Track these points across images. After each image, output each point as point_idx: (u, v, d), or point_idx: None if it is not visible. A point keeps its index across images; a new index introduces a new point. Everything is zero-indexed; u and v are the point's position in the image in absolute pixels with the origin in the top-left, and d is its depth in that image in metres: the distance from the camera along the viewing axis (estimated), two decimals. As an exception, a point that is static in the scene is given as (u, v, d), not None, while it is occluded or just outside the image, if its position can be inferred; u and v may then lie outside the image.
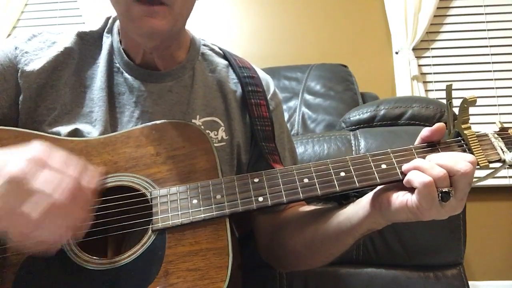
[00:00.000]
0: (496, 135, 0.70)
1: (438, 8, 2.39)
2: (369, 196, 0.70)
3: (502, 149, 0.68)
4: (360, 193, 0.73)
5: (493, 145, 0.69)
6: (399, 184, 0.66)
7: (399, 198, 0.64)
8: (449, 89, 0.71)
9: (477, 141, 0.69)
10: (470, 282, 1.03)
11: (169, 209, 0.67)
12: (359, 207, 0.70)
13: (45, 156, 0.57)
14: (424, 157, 0.66)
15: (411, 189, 0.63)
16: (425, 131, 0.69)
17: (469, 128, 0.70)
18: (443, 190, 0.60)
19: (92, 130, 0.78)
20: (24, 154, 0.56)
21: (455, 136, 0.71)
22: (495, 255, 2.20)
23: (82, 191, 0.58)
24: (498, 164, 0.69)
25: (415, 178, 0.62)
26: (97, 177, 0.63)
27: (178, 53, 0.86)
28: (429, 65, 2.42)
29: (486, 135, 0.71)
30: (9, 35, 2.59)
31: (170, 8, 0.71)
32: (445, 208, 0.62)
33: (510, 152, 0.68)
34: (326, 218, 0.76)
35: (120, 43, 0.85)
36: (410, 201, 0.62)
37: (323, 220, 0.76)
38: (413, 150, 0.69)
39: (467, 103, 0.69)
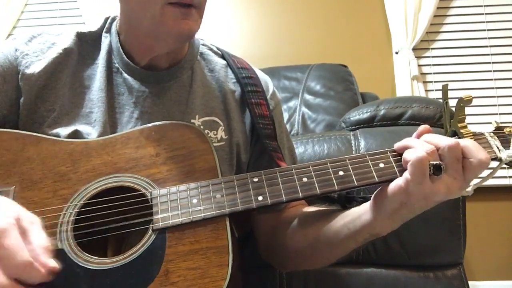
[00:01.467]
0: (492, 134, 0.71)
1: (438, 8, 2.39)
2: (371, 200, 0.70)
3: (498, 148, 0.69)
4: (365, 199, 0.73)
5: (489, 143, 0.70)
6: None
7: (395, 182, 0.64)
8: (445, 89, 0.71)
9: (473, 139, 0.69)
10: (470, 282, 1.03)
11: (169, 209, 0.67)
12: (363, 211, 0.70)
13: None
14: None
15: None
16: (415, 134, 0.69)
17: (466, 127, 0.70)
18: (434, 163, 0.61)
19: (91, 131, 0.78)
20: None
21: (452, 135, 0.72)
22: (495, 255, 2.20)
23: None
24: (495, 163, 0.70)
25: (410, 152, 0.63)
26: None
27: (179, 53, 0.87)
28: (429, 65, 2.42)
29: (482, 134, 0.71)
30: (9, 35, 2.59)
31: (199, 11, 0.75)
32: (439, 185, 0.62)
33: (506, 150, 0.69)
34: (329, 220, 0.75)
35: (120, 44, 0.85)
36: (403, 178, 0.63)
37: (326, 222, 0.76)
38: None
39: (463, 102, 0.69)
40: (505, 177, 2.23)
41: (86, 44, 0.86)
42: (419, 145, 0.63)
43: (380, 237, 0.71)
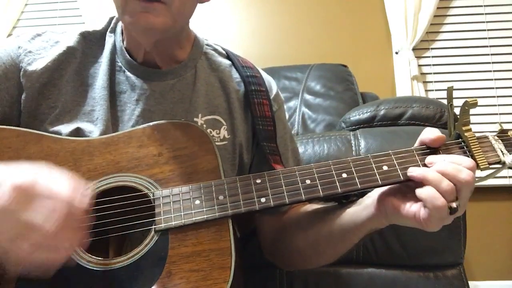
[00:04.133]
0: (496, 137, 0.71)
1: (438, 8, 2.39)
2: (372, 198, 0.70)
3: (502, 151, 0.69)
4: (361, 193, 0.74)
5: (493, 147, 0.70)
6: (402, 188, 0.67)
7: (406, 209, 0.65)
8: (450, 91, 0.71)
9: (477, 143, 0.69)
10: (470, 282, 1.03)
11: (172, 210, 0.67)
12: (363, 208, 0.71)
13: (34, 182, 0.55)
14: (424, 159, 0.67)
15: (416, 198, 0.64)
16: (426, 138, 0.69)
17: (470, 130, 0.70)
18: (453, 206, 0.61)
19: (93, 129, 0.78)
20: (12, 180, 0.55)
21: (456, 138, 0.72)
22: (495, 255, 2.20)
23: (74, 213, 0.56)
24: (498, 166, 0.70)
25: (429, 199, 0.62)
26: (89, 193, 0.60)
27: (180, 53, 0.86)
28: (429, 65, 2.42)
29: (486, 137, 0.71)
30: (9, 35, 2.59)
31: (168, 7, 0.72)
32: (450, 218, 0.63)
33: (510, 154, 0.69)
34: (329, 218, 0.76)
35: (123, 42, 0.85)
36: (419, 214, 0.63)
37: (326, 220, 0.76)
38: (414, 152, 0.69)
39: (468, 106, 0.69)
40: (505, 177, 2.23)
41: (90, 43, 0.86)
42: (437, 182, 0.62)
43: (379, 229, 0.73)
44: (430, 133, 0.69)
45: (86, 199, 0.58)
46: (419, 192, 0.64)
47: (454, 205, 0.61)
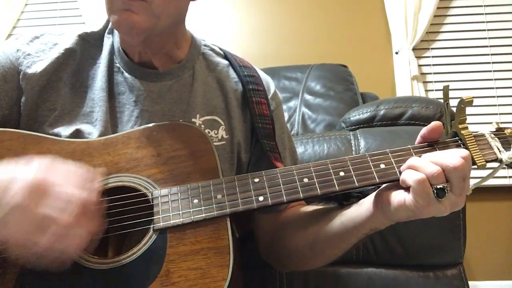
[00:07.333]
0: (492, 135, 0.71)
1: (438, 8, 2.39)
2: (371, 197, 0.70)
3: (498, 149, 0.69)
4: (362, 194, 0.74)
5: (490, 144, 0.70)
6: (398, 184, 0.67)
7: (397, 197, 0.65)
8: (446, 90, 0.72)
9: (474, 141, 0.69)
10: (470, 282, 1.03)
11: (170, 209, 0.68)
12: (363, 208, 0.71)
13: (46, 177, 0.57)
14: (420, 157, 0.67)
15: (408, 188, 0.64)
16: (423, 130, 0.70)
17: (466, 128, 0.70)
18: (438, 186, 0.61)
19: (92, 130, 0.79)
20: (24, 177, 0.57)
21: (453, 136, 0.72)
22: (495, 255, 2.20)
23: (88, 203, 0.59)
24: (495, 164, 0.70)
25: (408, 176, 0.63)
26: (99, 180, 0.63)
27: (177, 53, 0.87)
28: (429, 65, 2.42)
29: (483, 135, 0.71)
30: (9, 35, 2.59)
31: (148, 4, 0.72)
32: (445, 204, 0.62)
33: (506, 151, 0.69)
34: (328, 218, 0.76)
35: (120, 43, 0.85)
36: (408, 199, 0.63)
37: (325, 221, 0.76)
38: (411, 150, 0.70)
39: (464, 104, 0.70)
40: (505, 177, 2.22)
41: (88, 44, 0.86)
42: (423, 166, 0.63)
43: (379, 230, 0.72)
44: (428, 126, 0.70)
45: (96, 185, 0.62)
46: (402, 174, 0.65)
47: (440, 186, 0.61)
